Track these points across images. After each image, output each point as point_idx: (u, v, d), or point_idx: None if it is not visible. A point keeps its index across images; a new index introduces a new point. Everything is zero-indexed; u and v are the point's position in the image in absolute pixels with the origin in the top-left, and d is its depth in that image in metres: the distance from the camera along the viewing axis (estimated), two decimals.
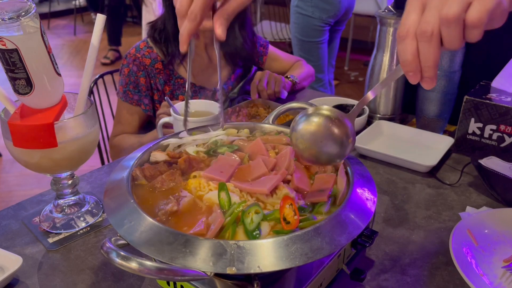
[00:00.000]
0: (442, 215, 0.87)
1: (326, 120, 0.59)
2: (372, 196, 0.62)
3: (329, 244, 0.53)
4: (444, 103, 1.14)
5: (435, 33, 0.49)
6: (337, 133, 0.58)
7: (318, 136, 0.58)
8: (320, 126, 0.59)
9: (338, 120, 0.58)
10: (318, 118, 0.59)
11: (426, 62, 0.50)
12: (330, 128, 0.58)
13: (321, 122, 0.58)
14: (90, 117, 0.79)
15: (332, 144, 0.58)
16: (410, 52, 0.51)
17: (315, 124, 0.59)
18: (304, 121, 0.60)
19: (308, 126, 0.59)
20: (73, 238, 0.81)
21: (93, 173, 1.03)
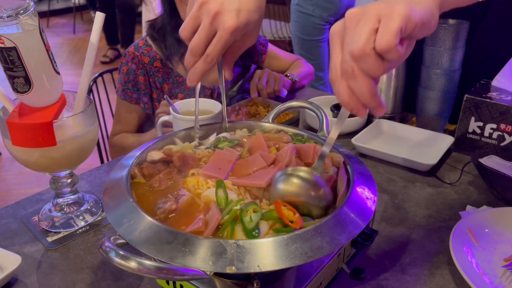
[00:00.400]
0: (442, 214, 0.87)
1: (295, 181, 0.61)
2: (372, 195, 0.62)
3: (329, 243, 0.52)
4: (444, 102, 1.14)
5: (356, 68, 0.49)
6: (314, 194, 0.60)
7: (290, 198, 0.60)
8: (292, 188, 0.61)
9: (308, 180, 0.61)
10: (287, 181, 0.61)
11: (361, 96, 0.51)
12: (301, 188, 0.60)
13: (291, 185, 0.61)
14: (89, 116, 0.79)
15: (307, 202, 0.60)
16: (343, 93, 0.51)
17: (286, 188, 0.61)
18: (276, 187, 0.61)
19: (280, 191, 0.61)
20: (72, 237, 0.81)
21: (92, 172, 1.03)
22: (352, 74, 0.50)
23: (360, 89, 0.50)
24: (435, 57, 1.09)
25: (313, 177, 0.61)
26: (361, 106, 0.52)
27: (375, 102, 0.51)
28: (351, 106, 0.52)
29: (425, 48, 1.11)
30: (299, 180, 0.60)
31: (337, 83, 0.52)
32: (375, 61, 0.48)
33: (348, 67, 0.50)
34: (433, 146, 1.09)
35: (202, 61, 0.66)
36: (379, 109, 0.52)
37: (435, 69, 1.10)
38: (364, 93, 0.50)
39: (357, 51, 0.48)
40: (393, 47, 0.47)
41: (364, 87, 0.50)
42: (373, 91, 0.50)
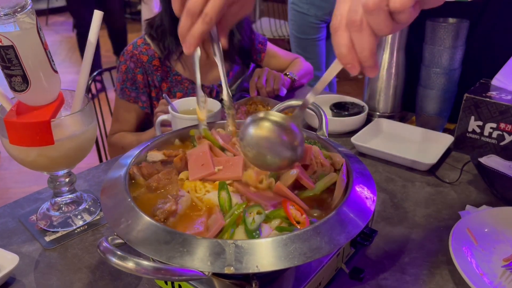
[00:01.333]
0: (442, 214, 0.86)
1: (270, 126, 0.56)
2: (371, 194, 0.61)
3: (328, 243, 0.52)
4: (443, 101, 1.13)
5: (364, 21, 0.47)
6: (282, 137, 0.56)
7: (263, 143, 0.56)
8: (265, 133, 0.56)
9: (282, 125, 0.56)
10: (262, 125, 0.57)
11: (361, 52, 0.49)
12: (275, 134, 0.56)
13: (264, 129, 0.56)
14: (88, 115, 0.78)
15: (279, 150, 0.56)
16: (344, 44, 0.49)
17: (259, 131, 0.56)
18: (248, 130, 0.57)
19: (252, 134, 0.57)
20: (70, 237, 0.80)
21: (90, 171, 1.02)
22: (359, 26, 0.47)
23: (362, 43, 0.48)
24: (434, 56, 1.09)
25: (288, 123, 0.56)
26: (357, 62, 0.50)
27: (372, 61, 0.49)
28: (348, 59, 0.50)
29: (425, 47, 1.11)
30: (272, 124, 0.56)
31: (339, 32, 0.49)
32: (386, 18, 0.46)
33: (357, 18, 0.47)
34: (432, 145, 1.09)
35: (200, 22, 0.62)
36: (373, 69, 0.50)
37: (435, 68, 1.10)
38: (365, 49, 0.48)
39: (372, 4, 0.45)
40: (407, 8, 0.45)
41: (367, 43, 0.48)
42: (374, 49, 0.48)
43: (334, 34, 0.50)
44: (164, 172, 0.66)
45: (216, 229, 0.55)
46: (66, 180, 0.83)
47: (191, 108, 1.07)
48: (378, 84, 1.22)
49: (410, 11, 0.46)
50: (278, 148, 0.56)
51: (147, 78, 1.42)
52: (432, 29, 1.07)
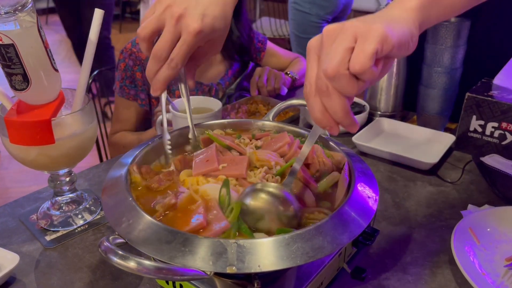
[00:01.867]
0: (444, 213, 0.86)
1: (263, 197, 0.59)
2: (373, 194, 0.61)
3: (330, 243, 0.52)
4: (445, 100, 1.13)
5: (330, 87, 0.48)
6: (278, 207, 0.58)
7: (259, 213, 0.58)
8: (260, 204, 0.58)
9: (276, 195, 0.59)
10: (256, 197, 0.59)
11: (335, 114, 0.50)
12: (270, 205, 0.58)
13: (261, 200, 0.59)
14: (88, 114, 0.78)
15: (275, 218, 0.58)
16: (317, 110, 0.51)
17: (255, 203, 0.59)
18: (246, 201, 0.59)
19: (249, 206, 0.59)
20: (71, 236, 0.80)
21: (91, 170, 1.02)
22: (326, 92, 0.49)
23: (333, 107, 0.50)
24: (436, 55, 1.09)
25: (283, 193, 0.59)
26: (334, 123, 0.52)
27: (348, 120, 0.51)
28: (324, 123, 0.52)
29: (426, 46, 1.11)
30: (267, 195, 0.59)
31: (311, 99, 0.51)
32: (349, 81, 0.47)
33: (322, 84, 0.49)
34: (434, 145, 1.08)
35: (166, 67, 0.64)
36: (352, 127, 0.52)
37: (436, 67, 1.10)
38: (337, 112, 0.50)
39: (331, 71, 0.47)
40: (367, 69, 0.46)
41: (338, 106, 0.49)
42: (347, 109, 0.50)
43: (307, 102, 0.52)
44: (165, 173, 0.66)
45: (220, 230, 0.54)
46: (67, 179, 0.83)
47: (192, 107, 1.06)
48: (379, 84, 1.22)
49: (373, 71, 0.47)
50: (274, 217, 0.58)
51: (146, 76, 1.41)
52: (433, 28, 1.07)
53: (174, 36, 0.63)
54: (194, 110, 1.06)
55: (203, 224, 0.55)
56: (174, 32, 0.63)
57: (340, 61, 0.47)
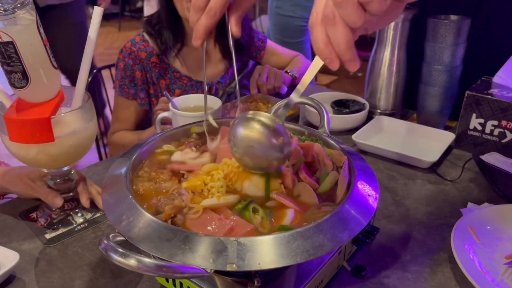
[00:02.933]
0: (443, 211, 0.86)
1: (256, 126, 0.57)
2: (373, 192, 0.61)
3: (330, 241, 0.52)
4: (445, 98, 1.13)
5: (337, 15, 0.47)
6: (268, 138, 0.57)
7: (249, 143, 0.57)
8: (250, 133, 0.57)
9: (267, 125, 0.57)
10: (248, 125, 0.58)
11: (338, 46, 0.49)
12: (260, 134, 0.57)
13: (250, 129, 0.58)
14: (88, 111, 0.78)
15: (265, 150, 0.57)
16: (320, 40, 0.49)
17: (246, 132, 0.58)
18: (235, 131, 0.58)
19: (239, 135, 0.58)
20: (71, 234, 0.80)
21: (91, 169, 1.02)
22: (332, 20, 0.48)
23: (337, 37, 0.48)
24: (436, 53, 1.09)
25: (275, 124, 0.57)
26: (335, 56, 0.50)
27: (350, 55, 0.49)
28: (325, 54, 0.50)
29: (426, 44, 1.11)
30: (259, 125, 0.57)
31: (315, 28, 0.50)
32: (356, 10, 0.46)
33: (329, 12, 0.48)
34: (434, 143, 1.08)
35: (205, 16, 0.63)
36: (353, 63, 0.50)
37: (436, 65, 1.10)
38: (340, 43, 0.48)
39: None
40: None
41: (342, 37, 0.48)
42: (350, 42, 0.48)
43: (312, 31, 0.51)
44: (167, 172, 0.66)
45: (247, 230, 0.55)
46: (67, 177, 0.82)
47: (191, 105, 1.06)
48: (379, 82, 1.22)
49: (380, 1, 0.46)
50: (264, 148, 0.57)
51: (146, 75, 1.41)
52: (433, 26, 1.07)
53: None
54: (194, 108, 1.07)
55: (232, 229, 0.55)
56: None
57: None
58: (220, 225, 0.55)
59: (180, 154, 0.70)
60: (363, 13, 0.47)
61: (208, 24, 0.63)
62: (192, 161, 0.68)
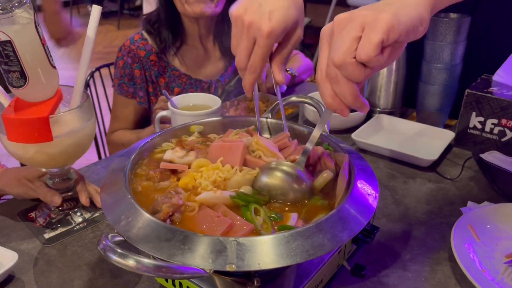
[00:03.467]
0: (443, 210, 0.86)
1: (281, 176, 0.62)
2: (373, 191, 0.61)
3: (330, 240, 0.51)
4: (445, 97, 1.13)
5: (338, 74, 0.51)
6: (292, 185, 0.62)
7: (275, 192, 0.62)
8: (277, 182, 0.62)
9: (290, 173, 0.62)
10: (271, 175, 0.63)
11: (344, 99, 0.52)
12: (285, 182, 0.62)
13: (276, 179, 0.62)
14: (86, 111, 0.77)
15: (290, 195, 0.62)
16: (327, 95, 0.53)
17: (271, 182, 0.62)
18: (261, 181, 0.63)
19: (265, 185, 0.62)
20: (70, 234, 0.80)
21: (89, 168, 1.02)
22: (335, 78, 0.51)
23: (342, 92, 0.51)
24: (436, 52, 1.08)
25: (296, 171, 0.62)
26: (344, 106, 0.53)
27: (358, 104, 0.53)
28: (334, 107, 0.53)
29: (426, 43, 1.10)
30: (282, 173, 0.62)
31: (321, 85, 0.53)
32: (356, 69, 0.49)
33: (332, 72, 0.51)
34: (433, 141, 1.08)
35: (248, 73, 0.67)
36: (363, 108, 0.54)
37: (436, 64, 1.09)
38: (346, 96, 0.52)
39: (337, 59, 0.49)
40: (372, 58, 0.48)
41: (347, 91, 0.51)
42: (356, 93, 0.52)
43: (319, 87, 0.54)
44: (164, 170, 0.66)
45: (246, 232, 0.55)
46: (65, 177, 0.82)
47: (190, 104, 1.06)
48: (378, 80, 1.21)
49: (378, 59, 0.49)
50: (289, 193, 0.62)
51: (145, 73, 1.41)
52: (433, 24, 1.07)
53: (248, 43, 0.65)
54: (193, 107, 1.06)
55: (231, 227, 0.55)
56: (248, 40, 0.65)
57: (347, 50, 0.49)
58: (218, 222, 0.55)
59: (171, 153, 0.70)
60: (363, 69, 0.50)
61: (252, 79, 0.68)
62: (179, 159, 0.68)
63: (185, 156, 0.69)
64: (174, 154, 0.70)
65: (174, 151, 0.71)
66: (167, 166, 0.67)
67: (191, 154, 0.70)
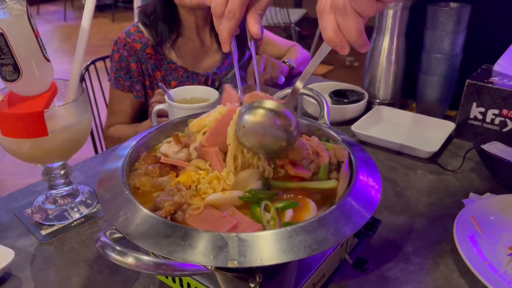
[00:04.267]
0: (445, 202, 0.85)
1: (265, 113, 0.57)
2: (376, 184, 0.60)
3: (333, 235, 0.50)
4: (444, 87, 1.12)
5: (348, 4, 0.46)
6: (279, 123, 0.57)
7: (260, 130, 0.57)
8: (261, 120, 0.57)
9: (277, 111, 0.57)
10: (257, 112, 0.57)
11: (348, 35, 0.48)
12: (271, 120, 0.57)
13: (261, 116, 0.57)
14: (82, 105, 0.76)
15: (276, 135, 0.57)
16: (330, 28, 0.48)
17: (256, 119, 0.57)
18: (244, 120, 0.58)
19: (249, 123, 0.57)
20: (67, 230, 0.79)
21: (86, 162, 1.00)
22: (343, 10, 0.47)
23: (348, 27, 0.47)
24: (436, 42, 1.07)
25: (284, 110, 0.57)
26: (346, 43, 0.49)
27: (361, 41, 0.49)
28: (336, 42, 0.49)
29: (426, 33, 1.09)
30: (267, 111, 0.56)
31: (324, 17, 0.48)
32: (369, 1, 0.46)
33: (339, 2, 0.46)
34: (434, 133, 1.07)
35: (225, 19, 0.62)
36: (364, 47, 0.50)
37: (436, 54, 1.08)
38: (351, 32, 0.48)
39: None
40: None
41: (353, 26, 0.47)
42: (361, 30, 0.48)
43: (320, 18, 0.49)
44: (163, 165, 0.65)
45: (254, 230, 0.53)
46: (61, 172, 0.81)
47: (188, 97, 1.05)
48: (378, 71, 1.20)
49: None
50: (275, 133, 0.57)
51: (141, 67, 1.39)
52: (433, 13, 1.05)
53: None
54: (191, 100, 1.05)
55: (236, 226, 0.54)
56: None
57: None
58: (223, 222, 0.54)
59: (167, 147, 0.68)
60: (375, 2, 0.46)
61: (230, 26, 0.63)
62: (174, 155, 0.67)
63: (179, 152, 0.68)
64: (170, 149, 0.69)
65: (170, 145, 0.69)
66: (168, 161, 0.65)
67: (184, 151, 0.68)
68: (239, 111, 0.59)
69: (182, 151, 0.68)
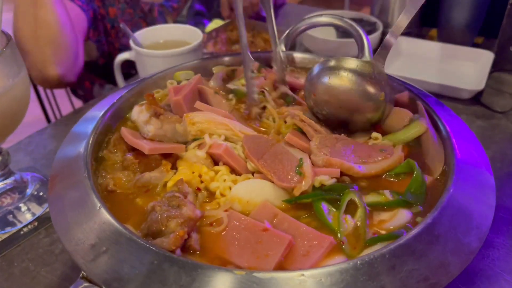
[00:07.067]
0: (509, 155, 0.68)
1: (356, 79, 0.46)
2: (481, 157, 0.40)
3: (456, 253, 0.31)
4: (476, 8, 0.94)
5: None
6: (372, 93, 0.46)
7: (347, 101, 0.46)
8: (349, 88, 0.46)
9: (370, 76, 0.47)
10: (335, 77, 0.46)
11: None
12: (363, 90, 0.46)
13: (350, 83, 0.46)
14: (9, 61, 0.53)
15: (365, 108, 0.46)
16: None
17: (343, 86, 0.46)
18: (321, 85, 0.47)
19: (333, 87, 0.46)
20: (15, 242, 0.57)
21: (32, 139, 0.76)
22: None
23: None
24: None
25: (372, 73, 0.48)
26: None
27: None
28: None
29: None
30: (350, 73, 0.47)
31: None
32: None
33: None
34: (467, 66, 0.89)
35: None
36: None
37: None
38: None
39: None
40: None
41: None
42: None
43: None
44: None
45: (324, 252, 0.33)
46: None
47: (161, 40, 0.80)
48: None
49: None
50: (360, 106, 0.46)
51: None
52: None
53: None
54: (165, 43, 0.80)
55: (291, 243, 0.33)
56: None
57: None
58: (269, 241, 0.32)
59: (137, 112, 0.46)
60: None
61: None
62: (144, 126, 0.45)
63: (147, 122, 0.45)
64: (140, 116, 0.46)
65: (140, 110, 0.47)
66: (156, 150, 0.42)
67: (154, 123, 0.45)
68: (310, 72, 0.50)
69: (151, 122, 0.45)
